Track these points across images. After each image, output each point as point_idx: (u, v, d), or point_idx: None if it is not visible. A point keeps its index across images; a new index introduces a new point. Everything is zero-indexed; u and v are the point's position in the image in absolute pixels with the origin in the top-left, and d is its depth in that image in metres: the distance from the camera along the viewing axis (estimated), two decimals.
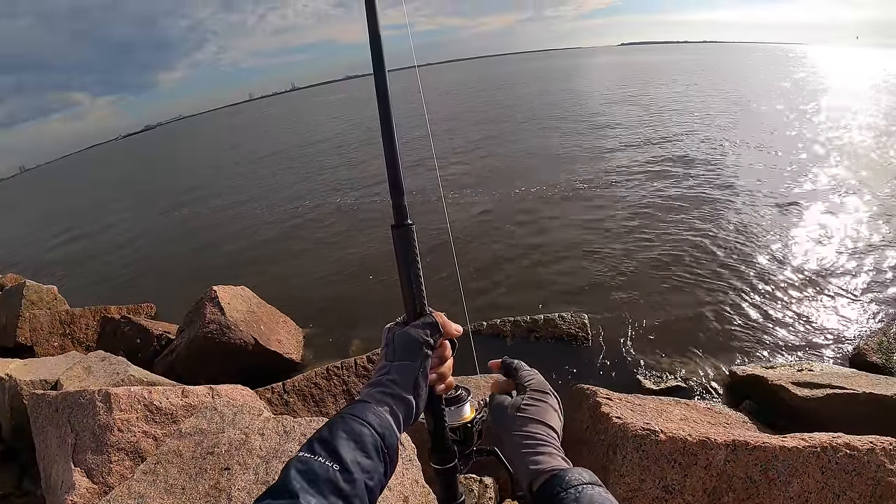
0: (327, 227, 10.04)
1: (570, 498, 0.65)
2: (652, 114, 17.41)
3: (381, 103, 0.83)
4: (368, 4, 0.84)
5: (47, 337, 5.81)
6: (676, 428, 2.33)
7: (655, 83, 28.62)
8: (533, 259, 7.03)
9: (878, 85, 20.57)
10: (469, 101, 32.01)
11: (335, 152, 19.38)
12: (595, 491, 0.67)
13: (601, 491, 0.67)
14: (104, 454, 2.46)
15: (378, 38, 0.83)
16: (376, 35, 0.83)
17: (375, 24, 0.83)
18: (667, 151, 11.76)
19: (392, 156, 0.83)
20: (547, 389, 0.88)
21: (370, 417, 0.68)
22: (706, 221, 7.45)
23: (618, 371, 4.54)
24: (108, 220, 15.80)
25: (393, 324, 0.84)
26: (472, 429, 0.90)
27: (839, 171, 9.44)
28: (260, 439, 2.63)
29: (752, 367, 4.05)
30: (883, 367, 4.03)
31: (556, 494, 0.67)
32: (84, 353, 4.81)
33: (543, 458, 0.76)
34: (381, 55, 0.83)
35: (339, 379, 4.35)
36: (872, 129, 12.59)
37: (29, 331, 5.80)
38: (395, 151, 0.83)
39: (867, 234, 6.58)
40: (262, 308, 5.58)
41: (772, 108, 16.72)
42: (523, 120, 19.80)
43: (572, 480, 0.68)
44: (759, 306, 5.24)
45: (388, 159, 0.83)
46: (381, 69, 0.83)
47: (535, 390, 0.87)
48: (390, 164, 0.83)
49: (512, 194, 10.05)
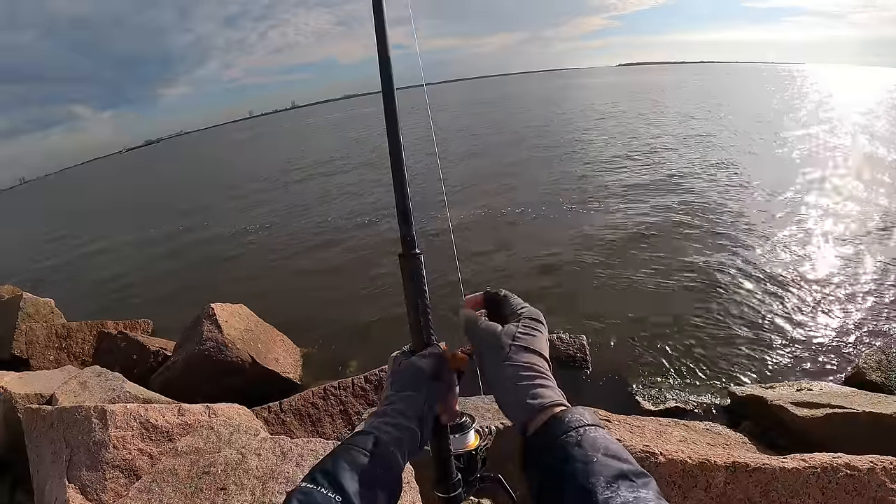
0: (327, 248, 10.04)
1: (571, 442, 0.61)
2: (650, 135, 17.64)
3: (391, 137, 0.83)
4: (380, 39, 0.85)
5: (43, 350, 5.76)
6: (676, 450, 2.32)
7: (668, 105, 28.97)
8: (531, 278, 7.04)
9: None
10: (472, 120, 32.36)
11: (335, 173, 19.51)
12: (599, 433, 0.62)
13: (604, 433, 0.63)
14: (99, 471, 2.44)
15: (388, 66, 0.84)
16: (387, 62, 0.84)
17: (386, 51, 0.85)
18: (670, 176, 11.89)
19: (401, 185, 0.83)
20: (541, 318, 0.81)
21: (373, 448, 0.68)
22: (704, 243, 7.50)
23: (617, 392, 4.51)
24: (107, 235, 15.78)
25: (399, 352, 0.85)
26: (476, 456, 0.89)
27: (837, 190, 9.61)
28: (257, 459, 2.61)
29: (752, 388, 4.03)
30: (882, 386, 4.02)
31: (556, 437, 0.63)
32: (80, 368, 4.77)
33: (545, 391, 0.70)
34: (391, 85, 0.84)
35: (336, 399, 4.32)
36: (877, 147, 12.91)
37: (25, 343, 5.74)
38: (404, 181, 0.84)
39: (865, 253, 6.65)
40: (260, 327, 5.56)
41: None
42: (526, 140, 20.03)
43: (573, 422, 0.64)
44: (758, 326, 5.25)
45: (398, 189, 0.83)
46: (390, 96, 0.84)
47: (531, 318, 0.80)
48: (399, 194, 0.83)
49: (506, 212, 10.14)
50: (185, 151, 77.12)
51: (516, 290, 0.88)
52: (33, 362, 5.62)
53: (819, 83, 41.89)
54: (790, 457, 2.23)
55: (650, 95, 33.00)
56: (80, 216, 22.58)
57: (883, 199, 8.72)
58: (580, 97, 35.99)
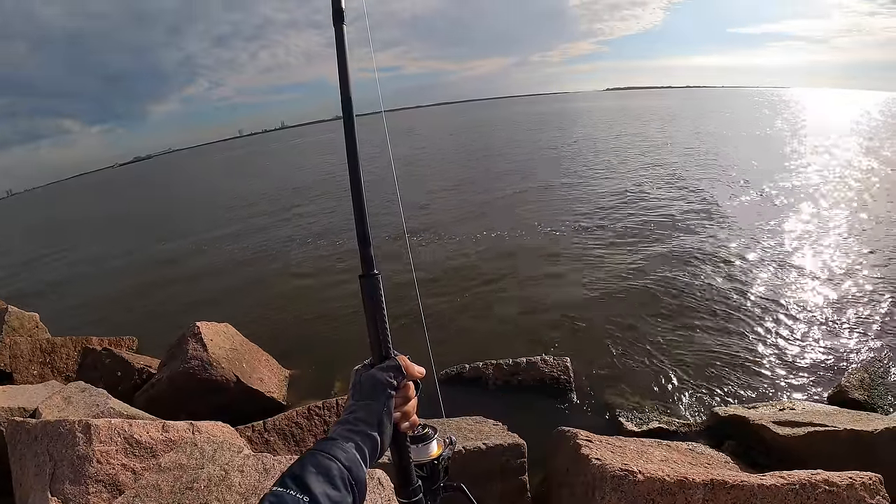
0: (313, 268, 10.08)
1: None
2: (630, 158, 18.00)
3: (351, 166, 0.90)
4: (342, 79, 0.91)
5: (27, 365, 5.67)
6: (656, 469, 2.36)
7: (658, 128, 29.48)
8: (513, 301, 7.13)
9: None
10: (453, 143, 32.76)
11: (321, 194, 19.64)
12: None
13: None
14: (82, 485, 2.42)
15: (350, 104, 0.91)
16: (348, 100, 0.91)
17: (348, 91, 0.91)
18: (660, 198, 12.19)
19: (360, 210, 0.90)
20: None
21: (337, 453, 0.73)
22: (686, 265, 7.67)
23: (600, 414, 4.54)
24: (93, 251, 15.66)
25: (360, 366, 0.90)
26: (438, 465, 0.95)
27: (823, 210, 10.03)
28: (240, 476, 2.60)
29: (734, 408, 4.08)
30: (865, 404, 4.10)
31: None
32: (63, 383, 4.71)
33: None
34: (352, 122, 0.91)
35: (320, 419, 4.30)
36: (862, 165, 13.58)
37: (9, 357, 5.65)
38: (363, 206, 0.91)
39: (849, 275, 6.84)
40: (245, 346, 5.54)
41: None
42: (506, 163, 20.39)
43: None
44: (741, 347, 5.35)
45: (357, 213, 0.90)
46: (351, 131, 0.91)
47: None
48: (358, 218, 0.90)
49: (488, 235, 10.29)
50: (174, 169, 76.90)
51: (498, 310, 0.94)
52: (17, 376, 5.53)
53: (809, 108, 43.94)
54: (769, 474, 2.27)
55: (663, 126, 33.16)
56: (66, 232, 22.31)
57: (866, 223, 9.03)
58: (578, 129, 36.61)
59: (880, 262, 7.12)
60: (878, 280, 6.55)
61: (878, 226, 8.75)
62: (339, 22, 0.92)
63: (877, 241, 7.96)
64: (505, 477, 3.09)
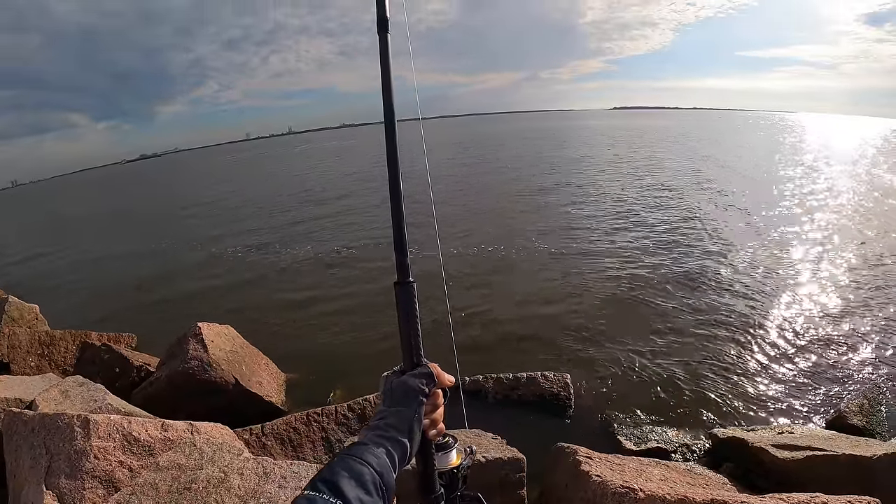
0: (317, 275, 10.07)
1: None
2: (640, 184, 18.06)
3: (391, 171, 0.91)
4: (385, 86, 0.92)
5: (24, 356, 5.63)
6: (655, 487, 2.35)
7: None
8: (517, 316, 7.11)
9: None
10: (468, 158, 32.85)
11: (327, 199, 19.72)
12: None
13: None
14: (78, 480, 2.41)
15: (392, 112, 0.91)
16: (390, 108, 0.91)
17: (391, 99, 0.92)
18: (659, 220, 12.21)
19: (398, 218, 0.91)
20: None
21: (369, 458, 0.74)
22: (689, 287, 7.67)
23: (599, 431, 4.53)
24: (98, 247, 15.63)
25: (390, 372, 0.92)
26: (458, 474, 0.97)
27: (821, 233, 10.15)
28: (239, 479, 2.59)
29: (733, 430, 4.07)
30: (864, 430, 4.10)
31: None
32: (61, 377, 4.69)
33: None
34: (394, 130, 0.92)
35: (318, 425, 4.27)
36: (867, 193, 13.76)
37: (7, 347, 5.61)
38: (402, 213, 0.91)
39: (851, 302, 6.85)
40: (246, 349, 5.52)
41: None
42: (523, 176, 20.42)
43: None
44: (742, 370, 5.35)
45: (395, 221, 0.91)
46: (392, 139, 0.92)
47: None
48: (396, 226, 0.91)
49: (493, 251, 10.28)
50: (182, 168, 77.11)
51: (502, 326, 0.95)
52: (14, 367, 5.49)
53: (819, 133, 44.40)
54: (768, 496, 2.27)
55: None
56: (71, 227, 22.32)
57: (871, 248, 9.08)
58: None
59: (883, 291, 7.12)
60: (880, 308, 6.56)
61: (884, 254, 8.75)
62: (384, 31, 0.93)
63: (881, 269, 7.98)
64: (504, 491, 3.07)
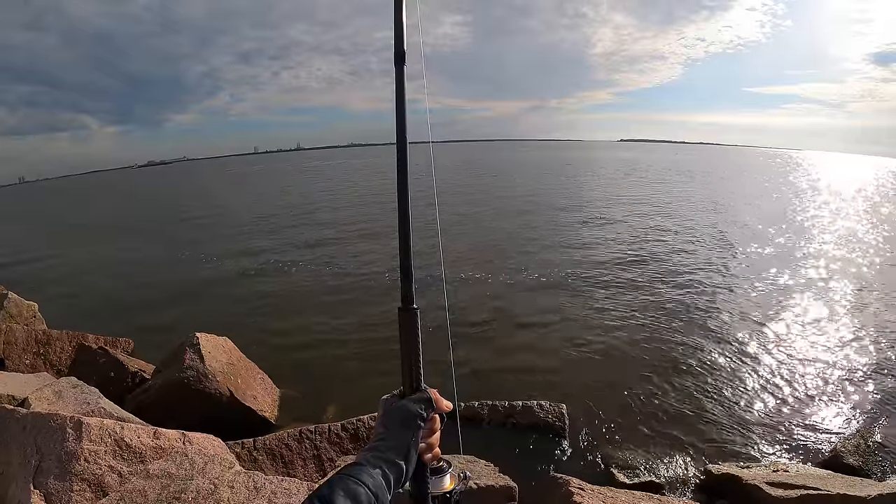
0: (316, 294, 10.06)
1: None
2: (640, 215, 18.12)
3: (400, 195, 0.91)
4: (399, 117, 0.91)
5: (20, 353, 5.58)
6: None
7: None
8: (514, 344, 7.08)
9: None
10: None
11: (334, 218, 19.83)
12: None
13: None
14: (67, 481, 2.35)
15: (404, 142, 0.91)
16: (403, 138, 0.91)
17: (404, 129, 0.91)
18: (662, 252, 12.19)
19: (405, 244, 0.91)
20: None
21: (366, 478, 0.74)
22: (687, 322, 7.65)
23: (593, 463, 4.47)
24: (102, 250, 15.67)
25: (389, 395, 0.91)
26: (451, 499, 0.94)
27: (820, 269, 10.22)
28: (229, 492, 2.53)
29: (727, 466, 4.02)
30: (859, 470, 4.04)
31: None
32: (55, 377, 4.64)
33: None
34: (405, 159, 0.91)
35: (310, 443, 4.20)
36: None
37: (2, 343, 5.58)
38: (409, 240, 0.91)
39: (850, 341, 6.83)
40: (242, 362, 5.47)
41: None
42: (530, 207, 20.54)
43: None
44: (738, 406, 5.30)
45: (402, 247, 0.91)
46: (403, 168, 0.91)
47: None
48: (403, 252, 0.91)
49: (486, 278, 10.31)
50: (190, 177, 77.91)
51: (501, 353, 0.94)
52: (8, 363, 5.43)
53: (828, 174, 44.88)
54: None
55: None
56: (78, 228, 22.41)
57: (868, 286, 9.13)
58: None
59: (882, 331, 7.13)
60: (879, 349, 6.55)
61: (884, 294, 8.79)
62: (401, 63, 0.94)
63: (881, 310, 8.00)
64: None
